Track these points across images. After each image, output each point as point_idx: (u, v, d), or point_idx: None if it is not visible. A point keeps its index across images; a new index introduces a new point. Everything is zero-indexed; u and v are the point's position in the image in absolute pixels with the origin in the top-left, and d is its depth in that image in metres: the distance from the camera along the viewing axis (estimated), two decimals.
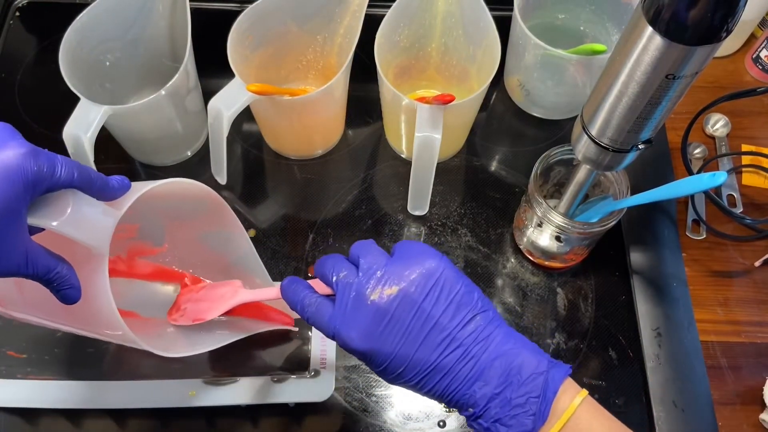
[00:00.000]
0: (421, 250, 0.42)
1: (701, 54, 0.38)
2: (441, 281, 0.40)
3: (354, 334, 0.40)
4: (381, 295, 0.40)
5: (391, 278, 0.40)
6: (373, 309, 0.40)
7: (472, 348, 0.39)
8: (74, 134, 0.56)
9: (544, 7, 0.71)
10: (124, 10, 0.63)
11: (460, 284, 0.40)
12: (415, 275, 0.40)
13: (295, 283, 0.44)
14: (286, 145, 0.71)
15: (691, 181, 0.51)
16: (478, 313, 0.40)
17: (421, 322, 0.39)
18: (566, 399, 0.39)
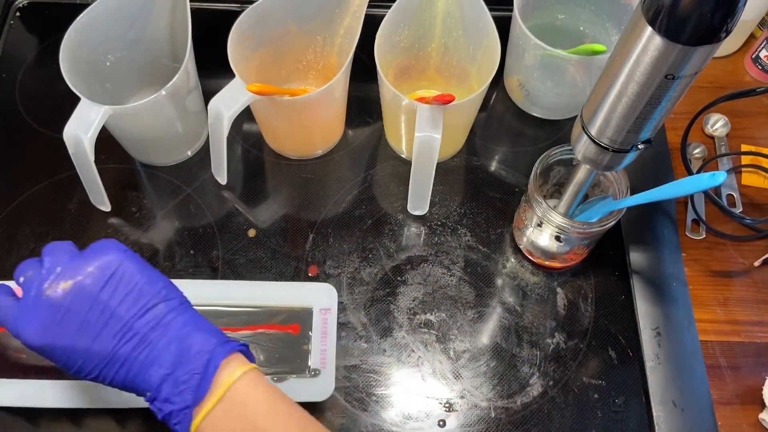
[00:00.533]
0: (102, 245, 0.43)
1: (701, 54, 0.38)
2: (119, 273, 0.41)
3: (30, 330, 0.41)
4: (56, 289, 0.41)
5: (69, 273, 0.41)
6: (48, 304, 0.41)
7: (149, 335, 0.41)
8: (74, 134, 0.56)
9: (544, 7, 0.72)
10: (125, 10, 0.63)
11: (141, 275, 0.42)
12: (92, 268, 0.41)
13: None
14: (286, 145, 0.71)
15: (691, 181, 0.51)
16: (160, 301, 0.42)
17: (97, 314, 0.41)
18: (226, 374, 0.41)
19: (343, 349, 0.61)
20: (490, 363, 0.61)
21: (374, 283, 0.65)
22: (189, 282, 0.61)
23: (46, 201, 0.68)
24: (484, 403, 0.59)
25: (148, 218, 0.67)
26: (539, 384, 0.60)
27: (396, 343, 0.62)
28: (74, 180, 0.62)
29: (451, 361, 0.61)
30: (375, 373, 0.60)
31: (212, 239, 0.66)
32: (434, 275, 0.65)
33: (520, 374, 0.61)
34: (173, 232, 0.67)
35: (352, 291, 0.64)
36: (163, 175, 0.70)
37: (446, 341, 0.62)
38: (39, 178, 0.69)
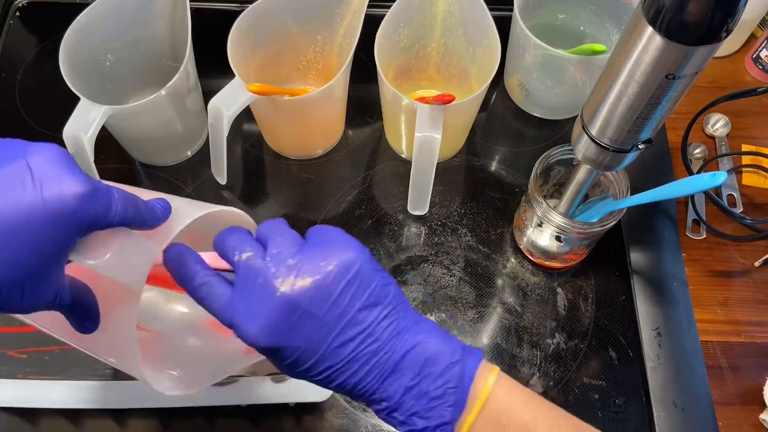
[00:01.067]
0: (339, 239, 0.39)
1: (701, 54, 0.38)
2: (359, 275, 0.38)
3: (256, 327, 0.36)
4: (293, 286, 0.36)
5: (305, 268, 0.37)
6: (282, 301, 0.36)
7: (389, 341, 0.38)
8: (74, 134, 0.56)
9: (544, 7, 0.71)
10: (124, 10, 0.63)
11: (378, 278, 0.38)
12: (332, 267, 0.37)
13: (182, 253, 0.39)
14: (286, 145, 0.71)
15: (691, 181, 0.51)
16: (394, 307, 0.39)
17: (335, 317, 0.37)
18: (481, 382, 0.38)
19: None
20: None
21: None
22: None
23: None
24: None
25: None
26: (539, 384, 0.60)
27: None
28: None
29: None
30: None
31: None
32: (434, 275, 0.65)
33: (520, 374, 0.60)
34: None
35: None
36: (163, 175, 0.70)
37: None
38: None
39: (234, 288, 0.37)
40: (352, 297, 0.37)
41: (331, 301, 0.37)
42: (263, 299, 0.36)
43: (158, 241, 0.37)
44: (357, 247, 0.39)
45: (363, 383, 0.38)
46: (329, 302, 0.37)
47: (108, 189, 0.35)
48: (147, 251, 0.37)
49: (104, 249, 0.35)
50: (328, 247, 0.38)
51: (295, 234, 0.39)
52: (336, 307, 0.37)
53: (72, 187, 0.32)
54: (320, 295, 0.37)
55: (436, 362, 0.38)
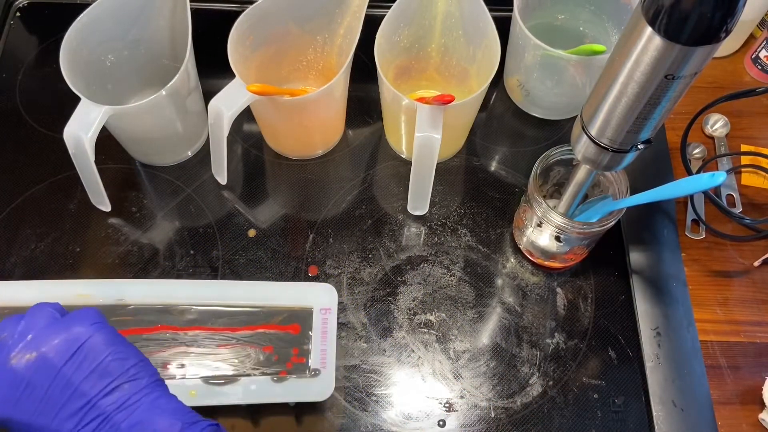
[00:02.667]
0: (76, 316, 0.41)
1: (700, 54, 0.38)
2: (86, 347, 0.39)
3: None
4: (21, 359, 0.39)
5: (37, 342, 0.39)
6: (11, 373, 0.39)
7: (113, 416, 0.39)
8: (75, 134, 0.56)
9: (543, 7, 0.72)
10: (125, 10, 0.63)
11: (108, 352, 0.40)
12: (59, 340, 0.39)
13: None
14: (286, 145, 0.71)
15: (691, 181, 0.51)
16: (126, 381, 0.40)
17: (60, 389, 0.39)
18: None
19: (343, 349, 0.61)
20: (490, 363, 0.61)
21: (374, 283, 0.65)
22: (189, 282, 0.61)
23: (46, 201, 0.68)
24: (484, 403, 0.59)
25: (149, 218, 0.68)
26: (539, 384, 0.60)
27: (396, 343, 0.62)
28: (74, 180, 0.63)
29: (451, 361, 0.61)
30: (375, 373, 0.60)
31: (212, 239, 0.66)
32: (434, 275, 0.65)
33: (520, 374, 0.61)
34: (173, 232, 0.67)
35: (352, 291, 0.64)
36: (163, 175, 0.70)
37: (446, 341, 0.62)
38: (39, 178, 0.69)
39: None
40: (76, 369, 0.39)
41: (55, 373, 0.39)
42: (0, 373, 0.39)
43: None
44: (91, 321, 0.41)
45: None
46: (53, 374, 0.39)
47: None
48: None
49: None
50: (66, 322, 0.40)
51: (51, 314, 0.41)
52: (60, 379, 0.39)
53: None
54: (45, 366, 0.39)
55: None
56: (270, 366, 0.56)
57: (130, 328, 0.56)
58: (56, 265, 0.64)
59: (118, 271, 0.64)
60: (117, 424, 0.39)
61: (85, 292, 0.58)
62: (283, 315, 0.58)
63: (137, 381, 0.40)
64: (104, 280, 0.59)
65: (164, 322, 0.57)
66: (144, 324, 0.57)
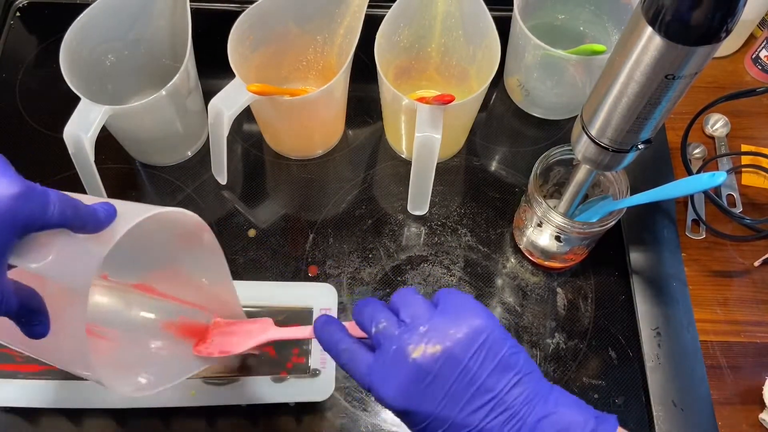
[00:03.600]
0: (469, 306, 0.40)
1: (701, 54, 0.38)
2: (488, 342, 0.38)
3: (391, 391, 0.38)
4: (424, 353, 0.38)
5: (436, 335, 0.38)
6: (414, 367, 0.38)
7: (521, 410, 0.38)
8: (75, 134, 0.56)
9: (543, 7, 0.72)
10: (125, 10, 0.63)
11: (507, 345, 0.39)
12: (461, 334, 0.38)
13: (329, 323, 0.42)
14: (286, 145, 0.71)
15: (691, 181, 0.51)
16: (524, 375, 0.39)
17: (465, 384, 0.38)
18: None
19: None
20: None
21: (374, 283, 0.65)
22: None
23: None
24: None
25: None
26: None
27: None
28: (74, 180, 0.62)
29: None
30: None
31: None
32: (434, 275, 0.65)
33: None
34: None
35: (352, 291, 0.64)
36: (163, 175, 0.70)
37: None
38: (39, 178, 0.68)
39: (373, 356, 0.39)
40: (481, 364, 0.38)
41: (460, 368, 0.38)
42: (397, 366, 0.38)
43: (103, 243, 0.37)
44: (485, 314, 0.39)
45: None
46: (459, 369, 0.38)
47: (44, 191, 0.36)
48: (90, 253, 0.36)
49: (45, 251, 0.35)
50: (457, 315, 0.39)
51: (425, 301, 0.40)
52: (465, 374, 0.38)
53: (6, 187, 0.34)
54: (450, 361, 0.37)
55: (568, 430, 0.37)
56: (270, 366, 0.56)
57: None
58: None
59: None
60: (524, 418, 0.38)
61: None
62: (283, 315, 0.58)
63: (532, 374, 0.39)
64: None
65: None
66: None
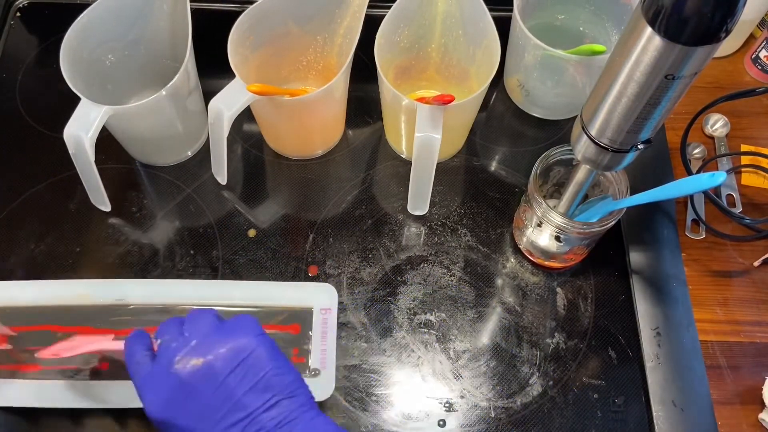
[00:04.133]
0: (242, 324, 0.41)
1: (700, 54, 0.38)
2: (249, 360, 0.39)
3: (154, 400, 0.39)
4: (186, 365, 0.39)
5: (202, 349, 0.39)
6: (176, 378, 0.39)
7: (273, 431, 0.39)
8: (75, 134, 0.56)
9: (543, 7, 0.72)
10: (125, 10, 0.63)
11: (270, 366, 0.40)
12: (225, 349, 0.39)
13: (136, 337, 0.43)
14: (286, 145, 0.71)
15: (691, 181, 0.51)
16: (285, 397, 0.39)
17: (221, 399, 0.38)
18: None
19: (343, 349, 0.61)
20: (490, 363, 0.61)
21: (374, 283, 0.65)
22: (189, 282, 0.61)
23: (46, 201, 0.68)
24: (484, 403, 0.59)
25: (149, 218, 0.68)
26: (539, 384, 0.60)
27: (396, 343, 0.62)
28: (74, 180, 0.63)
29: (451, 361, 0.61)
30: (375, 373, 0.60)
31: (212, 239, 0.66)
32: (434, 275, 0.65)
33: (520, 374, 0.61)
34: (173, 232, 0.67)
35: (352, 291, 0.64)
36: (163, 175, 0.70)
37: (446, 341, 0.62)
38: (39, 178, 0.69)
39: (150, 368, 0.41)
40: (240, 381, 0.39)
41: (218, 382, 0.39)
42: (162, 376, 0.40)
43: None
44: (253, 333, 0.41)
45: None
46: (216, 383, 0.39)
47: None
48: None
49: None
50: (229, 332, 0.40)
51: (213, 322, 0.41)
52: (223, 389, 0.39)
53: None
54: (209, 375, 0.39)
55: None
56: None
57: (130, 328, 0.56)
58: (56, 265, 0.64)
59: (118, 271, 0.64)
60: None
61: (85, 292, 0.58)
62: (283, 315, 0.58)
63: (295, 398, 0.40)
64: (104, 280, 0.59)
65: None
66: (144, 324, 0.57)
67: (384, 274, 0.65)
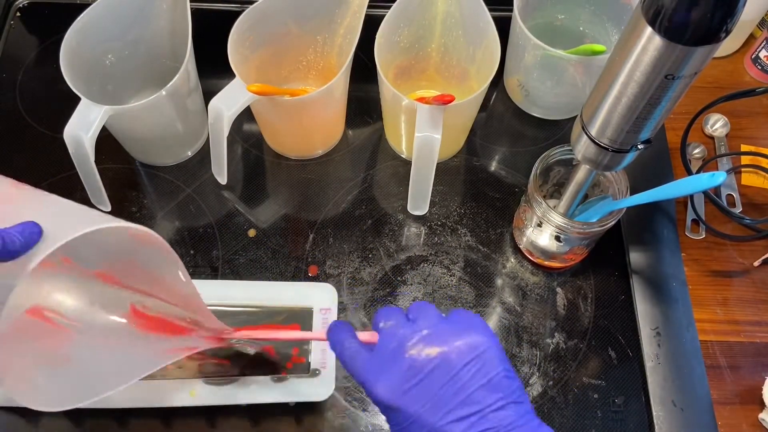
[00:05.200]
0: (474, 322, 0.40)
1: (700, 54, 0.38)
2: (484, 357, 0.38)
3: (381, 384, 0.38)
4: (420, 352, 0.38)
5: (436, 339, 0.39)
6: (408, 363, 0.38)
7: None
8: (75, 134, 0.56)
9: (543, 7, 0.72)
10: (125, 10, 0.63)
11: (502, 367, 0.39)
12: (460, 342, 0.38)
13: (340, 326, 0.43)
14: (286, 145, 0.71)
15: (691, 181, 0.51)
16: (514, 401, 0.38)
17: (453, 391, 0.37)
18: None
19: None
20: None
21: (374, 283, 0.65)
22: None
23: None
24: None
25: (149, 218, 0.68)
26: (539, 384, 0.60)
27: None
28: (74, 180, 0.62)
29: None
30: None
31: (212, 239, 0.66)
32: (434, 275, 0.65)
33: (520, 374, 0.61)
34: (173, 232, 0.67)
35: (352, 291, 0.64)
36: (163, 175, 0.70)
37: None
38: (39, 178, 0.69)
39: (374, 353, 0.40)
40: (472, 376, 0.38)
41: (451, 374, 0.38)
42: (393, 360, 0.39)
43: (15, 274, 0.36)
44: (488, 332, 0.40)
45: None
46: (450, 375, 0.38)
47: None
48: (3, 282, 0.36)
49: None
50: (462, 327, 0.40)
51: (438, 314, 0.41)
52: (455, 382, 0.38)
53: None
54: (443, 366, 0.38)
55: None
56: (270, 366, 0.56)
57: None
58: None
59: None
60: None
61: None
62: (283, 315, 0.58)
63: (522, 405, 0.38)
64: None
65: None
66: None
67: (384, 274, 0.65)
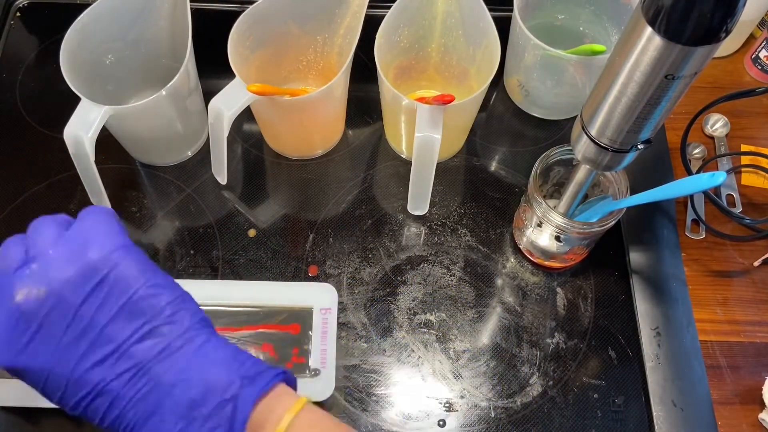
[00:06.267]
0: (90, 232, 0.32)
1: (700, 54, 0.38)
2: (109, 280, 0.32)
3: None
4: (28, 295, 0.31)
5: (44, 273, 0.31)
6: (17, 313, 0.31)
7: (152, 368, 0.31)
8: (75, 134, 0.56)
9: (543, 7, 0.72)
10: (125, 10, 0.63)
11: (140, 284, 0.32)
12: (73, 272, 0.31)
13: None
14: (286, 145, 0.71)
15: (691, 181, 0.51)
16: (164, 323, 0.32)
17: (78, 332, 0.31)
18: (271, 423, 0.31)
19: (343, 349, 0.61)
20: (490, 363, 0.61)
21: (374, 283, 0.65)
22: (189, 282, 0.61)
23: (46, 201, 0.68)
24: (484, 403, 0.59)
25: (149, 218, 0.68)
26: (539, 384, 0.60)
27: (396, 343, 0.62)
28: (74, 180, 0.63)
29: (451, 361, 0.61)
30: (375, 373, 0.60)
31: (212, 239, 0.66)
32: (434, 275, 0.65)
33: (520, 374, 0.61)
34: (173, 232, 0.67)
35: (352, 291, 0.64)
36: (164, 175, 0.70)
37: (446, 341, 0.62)
38: (39, 178, 0.69)
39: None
40: (98, 309, 0.31)
41: (71, 313, 0.31)
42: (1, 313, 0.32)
43: None
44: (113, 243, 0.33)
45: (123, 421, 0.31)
46: (70, 314, 0.31)
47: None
48: None
49: None
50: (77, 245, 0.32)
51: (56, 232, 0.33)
52: (79, 321, 0.31)
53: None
54: (60, 305, 0.31)
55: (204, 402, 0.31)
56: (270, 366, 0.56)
57: None
58: None
59: None
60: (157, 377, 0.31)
61: None
62: (283, 315, 0.58)
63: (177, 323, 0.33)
64: None
65: None
66: None
67: (384, 274, 0.65)
